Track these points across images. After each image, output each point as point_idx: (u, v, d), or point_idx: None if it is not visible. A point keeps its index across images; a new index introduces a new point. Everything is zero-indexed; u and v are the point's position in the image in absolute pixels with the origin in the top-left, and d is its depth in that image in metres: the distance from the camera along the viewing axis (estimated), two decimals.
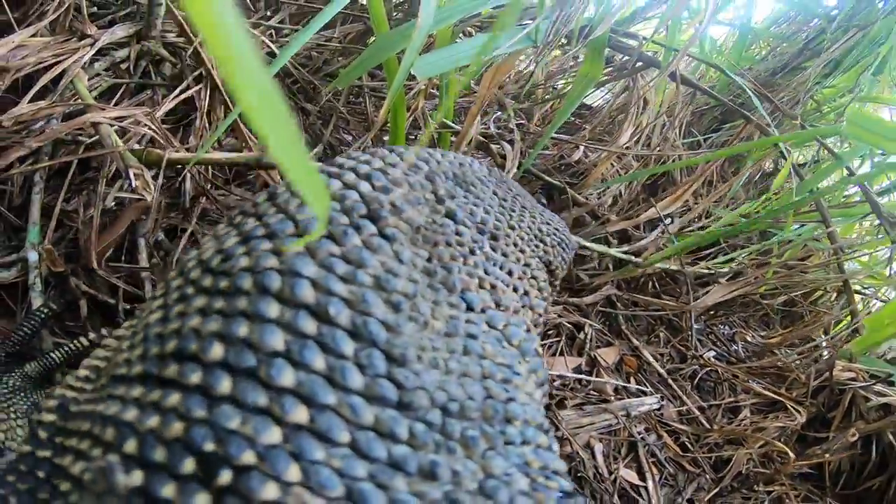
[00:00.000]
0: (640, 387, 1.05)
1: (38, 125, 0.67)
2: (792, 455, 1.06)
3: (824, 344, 1.28)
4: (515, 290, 0.43)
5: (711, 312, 1.30)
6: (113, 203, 0.71)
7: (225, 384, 0.28)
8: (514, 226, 0.49)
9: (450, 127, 0.90)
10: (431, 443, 0.29)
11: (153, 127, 0.68)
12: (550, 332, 1.04)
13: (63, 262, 0.68)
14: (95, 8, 0.75)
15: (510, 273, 0.43)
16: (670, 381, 1.11)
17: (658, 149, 1.18)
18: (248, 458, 0.26)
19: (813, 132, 1.04)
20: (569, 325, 1.07)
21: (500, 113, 1.04)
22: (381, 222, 0.35)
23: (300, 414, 0.27)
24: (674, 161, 1.11)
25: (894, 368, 1.27)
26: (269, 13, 0.88)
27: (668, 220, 1.04)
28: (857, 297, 1.34)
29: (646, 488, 0.97)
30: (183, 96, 0.74)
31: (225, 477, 0.25)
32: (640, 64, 1.08)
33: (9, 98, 0.68)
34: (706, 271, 1.15)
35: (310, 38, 0.88)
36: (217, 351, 0.28)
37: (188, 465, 0.26)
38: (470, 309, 0.36)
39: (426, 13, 0.68)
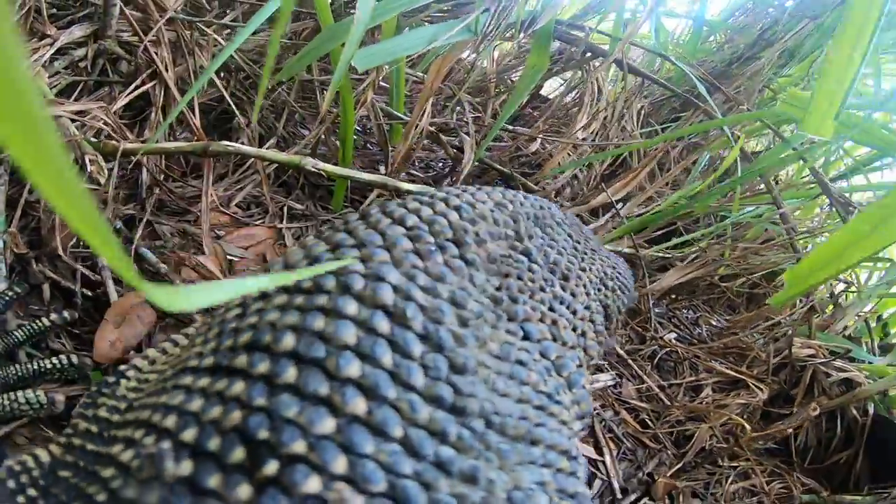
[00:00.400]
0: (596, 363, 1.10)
1: None
2: (749, 427, 1.10)
3: (786, 322, 1.33)
4: (575, 329, 0.46)
5: (673, 297, 1.36)
6: None
7: (290, 373, 0.29)
8: (585, 268, 0.53)
9: (400, 118, 0.96)
10: (474, 449, 0.30)
11: (108, 120, 0.74)
12: None
13: (27, 247, 0.73)
14: (55, 10, 0.81)
15: (574, 312, 0.47)
16: (629, 360, 1.16)
17: (617, 139, 1.25)
18: (299, 447, 0.27)
19: (755, 114, 1.11)
20: None
21: (458, 107, 1.10)
22: (464, 248, 0.39)
23: (359, 405, 0.28)
24: (627, 148, 1.17)
25: (853, 344, 1.32)
26: (222, 11, 0.94)
27: (619, 205, 1.10)
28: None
29: (603, 462, 1.01)
30: (137, 92, 0.80)
31: (271, 468, 0.26)
32: (589, 55, 1.15)
33: None
34: (663, 255, 1.20)
35: (262, 35, 0.94)
36: (288, 341, 0.30)
37: (237, 455, 0.27)
38: (527, 338, 0.40)
39: (363, 8, 0.75)
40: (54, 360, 0.66)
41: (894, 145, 1.02)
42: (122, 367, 0.45)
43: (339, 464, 0.26)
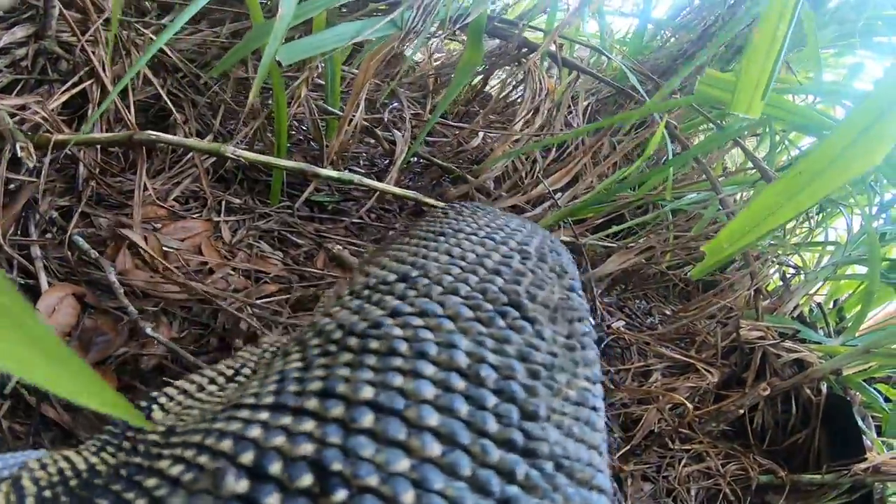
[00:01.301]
0: None
1: None
2: (691, 406, 1.14)
3: (735, 307, 1.39)
4: None
5: (623, 286, 1.42)
6: (12, 186, 0.83)
7: (367, 418, 0.32)
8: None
9: (334, 113, 1.03)
10: (540, 488, 0.32)
11: (44, 113, 0.81)
12: None
13: None
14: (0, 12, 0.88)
15: None
16: None
17: (561, 131, 1.32)
18: (372, 480, 0.29)
19: (684, 100, 1.18)
20: None
21: (394, 102, 1.18)
22: (523, 308, 0.43)
23: (435, 449, 0.31)
24: (566, 141, 1.24)
25: (800, 324, 1.37)
26: (161, 13, 1.02)
27: (558, 195, 1.17)
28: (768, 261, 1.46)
29: None
30: (76, 90, 0.86)
31: (339, 495, 0.28)
32: (525, 50, 1.23)
33: None
34: (606, 244, 1.27)
35: (199, 36, 1.02)
36: (367, 392, 0.33)
37: (305, 480, 0.29)
38: (595, 382, 0.43)
39: (286, 5, 0.82)
40: None
41: (820, 123, 1.08)
42: (154, 393, 0.48)
43: (408, 496, 0.29)
